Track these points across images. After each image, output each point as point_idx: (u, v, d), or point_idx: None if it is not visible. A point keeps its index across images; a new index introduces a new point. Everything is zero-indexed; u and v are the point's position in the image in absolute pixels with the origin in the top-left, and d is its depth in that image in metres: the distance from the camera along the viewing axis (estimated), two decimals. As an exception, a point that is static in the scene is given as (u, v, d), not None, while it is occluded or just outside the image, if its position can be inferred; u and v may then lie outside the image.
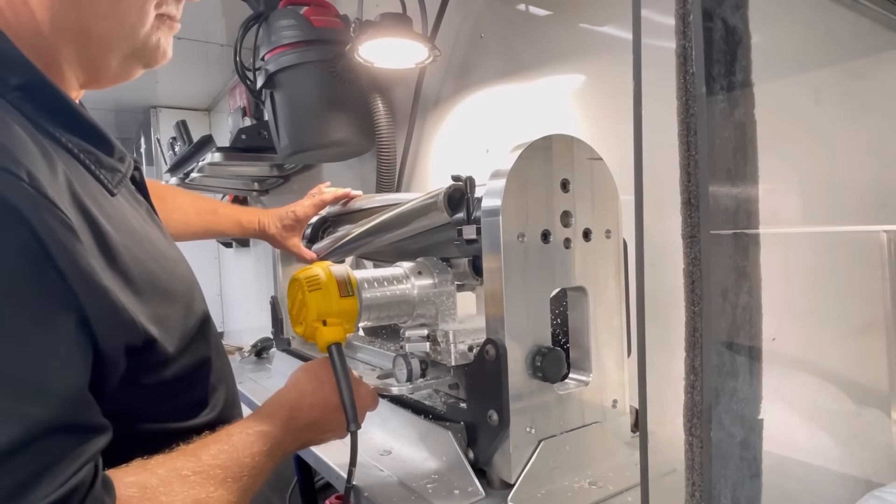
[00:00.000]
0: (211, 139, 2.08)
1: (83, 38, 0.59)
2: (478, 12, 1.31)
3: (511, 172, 0.69)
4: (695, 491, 0.40)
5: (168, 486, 0.53)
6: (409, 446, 0.85)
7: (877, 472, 0.60)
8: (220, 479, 0.57)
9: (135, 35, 0.61)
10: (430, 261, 0.86)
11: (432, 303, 0.83)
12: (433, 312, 0.84)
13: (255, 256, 2.83)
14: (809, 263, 0.62)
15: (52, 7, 0.56)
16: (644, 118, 0.41)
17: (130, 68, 0.65)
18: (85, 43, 0.60)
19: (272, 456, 0.64)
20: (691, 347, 0.40)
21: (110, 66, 0.63)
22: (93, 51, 0.61)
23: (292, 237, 1.27)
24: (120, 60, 0.63)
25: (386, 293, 0.80)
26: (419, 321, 0.85)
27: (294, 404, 0.69)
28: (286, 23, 1.45)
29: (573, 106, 1.08)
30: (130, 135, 3.71)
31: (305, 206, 1.26)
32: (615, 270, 0.79)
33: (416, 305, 0.83)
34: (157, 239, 0.66)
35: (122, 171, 0.65)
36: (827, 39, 0.64)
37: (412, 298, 0.82)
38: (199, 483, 0.56)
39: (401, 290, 0.81)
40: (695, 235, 0.40)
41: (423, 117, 1.50)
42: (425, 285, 0.83)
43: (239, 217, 1.28)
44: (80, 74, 0.62)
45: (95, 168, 0.60)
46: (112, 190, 0.62)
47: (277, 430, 0.65)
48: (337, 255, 1.19)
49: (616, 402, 0.79)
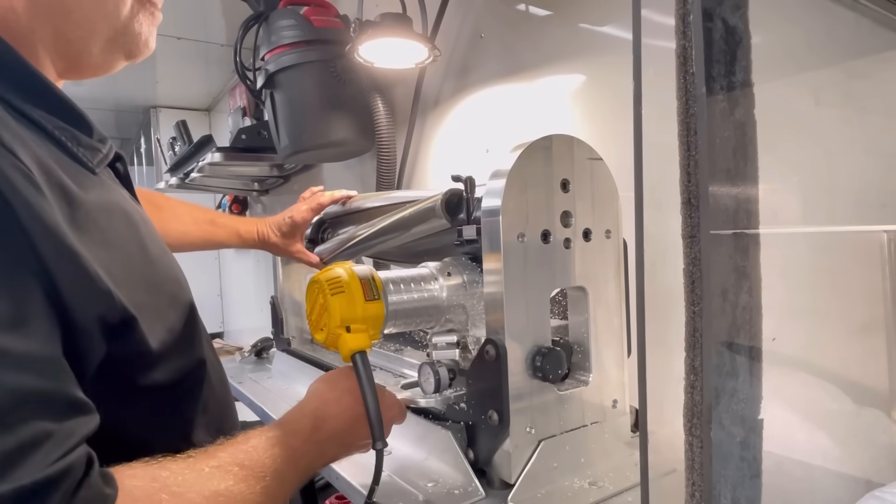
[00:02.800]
0: (211, 139, 2.08)
1: (61, 17, 0.55)
2: (478, 12, 1.31)
3: (511, 172, 0.69)
4: (695, 491, 0.40)
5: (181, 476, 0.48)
6: (409, 446, 0.85)
7: (877, 472, 0.60)
8: (240, 476, 0.52)
9: (116, 16, 0.58)
10: (459, 260, 0.79)
11: (462, 306, 0.76)
12: (463, 317, 0.77)
13: (255, 256, 2.83)
14: (809, 263, 0.62)
15: None
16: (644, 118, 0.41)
17: (112, 57, 0.61)
18: (63, 23, 0.55)
19: (296, 465, 0.58)
20: (691, 347, 0.40)
21: (91, 51, 0.59)
22: (72, 33, 0.56)
23: (294, 244, 1.26)
24: (101, 47, 0.59)
25: (413, 296, 0.73)
26: (447, 326, 0.77)
27: (317, 413, 0.63)
28: (286, 23, 1.45)
29: (573, 106, 1.08)
30: (130, 135, 3.71)
31: (302, 211, 1.23)
32: (615, 270, 0.79)
33: (445, 310, 0.76)
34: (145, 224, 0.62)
35: (103, 152, 0.60)
36: (827, 39, 0.64)
37: (441, 301, 0.75)
38: (217, 476, 0.50)
39: (429, 292, 0.74)
40: (695, 235, 0.40)
41: (423, 117, 1.50)
42: (455, 286, 0.76)
43: (237, 228, 1.25)
44: (58, 61, 0.58)
45: (73, 146, 0.55)
46: (93, 168, 0.57)
47: (300, 438, 0.60)
48: (340, 259, 1.18)
49: (616, 402, 0.79)
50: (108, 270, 0.49)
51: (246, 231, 1.25)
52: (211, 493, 0.49)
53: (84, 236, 0.49)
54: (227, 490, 0.50)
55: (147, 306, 0.54)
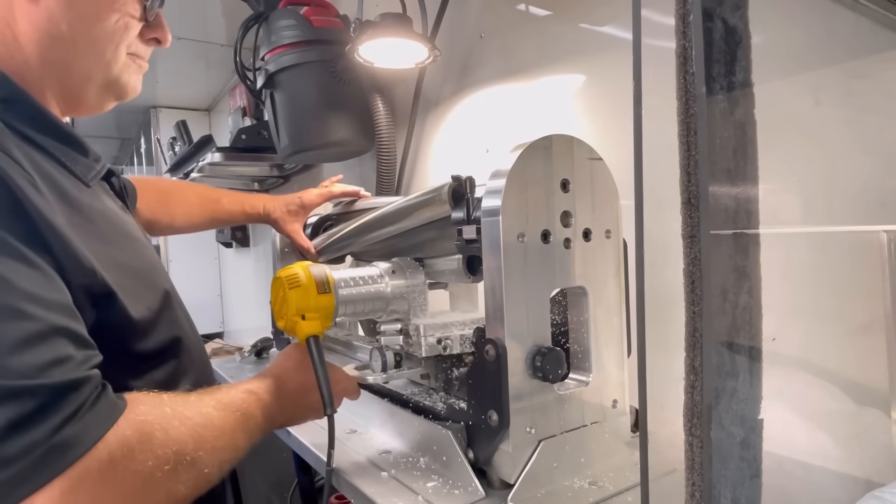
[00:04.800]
0: (211, 139, 2.08)
1: (65, 71, 0.69)
2: (478, 12, 1.31)
3: (511, 172, 0.69)
4: (695, 491, 0.41)
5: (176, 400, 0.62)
6: (409, 446, 0.85)
7: (877, 472, 0.60)
8: (219, 407, 0.65)
9: (108, 70, 0.72)
10: (405, 261, 0.92)
11: (405, 299, 0.89)
12: (406, 308, 0.89)
13: (255, 256, 2.83)
14: (809, 263, 0.62)
15: (40, 44, 0.67)
16: (644, 118, 0.42)
17: (104, 100, 0.75)
18: (66, 75, 0.70)
19: (262, 410, 0.70)
20: (691, 347, 0.40)
21: (88, 96, 0.73)
22: (73, 82, 0.71)
23: (294, 223, 1.28)
24: (96, 93, 0.73)
25: (362, 291, 0.85)
26: (393, 316, 0.90)
27: (279, 377, 0.76)
28: (286, 23, 1.45)
29: (573, 106, 1.08)
30: (130, 135, 3.72)
31: (312, 195, 1.27)
32: (615, 270, 0.79)
33: (389, 302, 0.88)
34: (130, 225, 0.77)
35: (97, 169, 0.73)
36: (827, 39, 0.64)
37: (387, 295, 0.88)
38: (202, 403, 0.64)
39: (376, 287, 0.87)
40: (695, 235, 0.40)
41: (423, 117, 1.50)
42: (398, 283, 0.89)
43: (243, 203, 1.29)
44: (61, 102, 0.72)
45: (71, 164, 0.68)
46: (87, 182, 0.70)
47: (265, 391, 0.72)
48: (334, 249, 1.19)
49: (616, 402, 0.79)
50: (94, 255, 0.61)
51: (251, 206, 1.29)
52: (199, 413, 0.62)
53: (76, 228, 0.61)
54: (209, 413, 0.63)
55: (127, 287, 0.66)
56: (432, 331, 0.83)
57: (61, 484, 0.49)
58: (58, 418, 0.50)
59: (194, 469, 0.60)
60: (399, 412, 0.87)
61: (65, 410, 0.50)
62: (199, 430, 0.61)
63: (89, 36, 0.69)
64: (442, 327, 0.84)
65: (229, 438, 0.64)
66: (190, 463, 0.59)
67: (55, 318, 0.53)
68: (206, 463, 0.61)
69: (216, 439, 0.62)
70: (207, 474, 0.61)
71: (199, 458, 0.60)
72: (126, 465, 0.53)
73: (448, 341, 0.83)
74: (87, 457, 0.51)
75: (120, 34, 0.71)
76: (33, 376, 0.49)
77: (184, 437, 0.59)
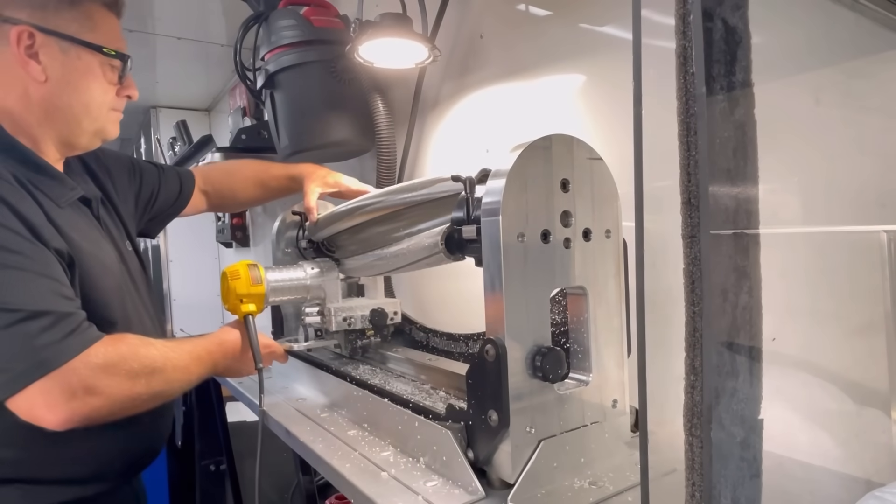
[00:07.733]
0: (211, 139, 2.08)
1: (61, 124, 0.97)
2: (478, 12, 1.31)
3: (511, 172, 0.69)
4: (695, 491, 0.41)
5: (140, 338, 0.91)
6: (409, 446, 0.85)
7: (877, 472, 0.60)
8: (173, 347, 0.94)
9: (96, 123, 1.00)
10: (325, 262, 1.25)
11: (321, 288, 1.22)
12: (322, 295, 1.22)
13: (255, 257, 2.83)
14: (809, 263, 0.62)
15: (46, 110, 0.95)
16: (644, 118, 0.42)
17: (92, 143, 1.03)
18: (62, 127, 0.98)
19: (209, 356, 0.99)
20: (691, 347, 0.40)
21: (80, 142, 1.01)
22: (66, 133, 0.99)
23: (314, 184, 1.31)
24: (86, 139, 1.01)
25: (286, 283, 1.18)
26: (314, 302, 1.23)
27: (221, 338, 1.03)
28: (286, 23, 1.45)
29: (573, 106, 1.08)
30: (130, 135, 3.71)
31: (350, 179, 1.34)
32: (615, 270, 0.79)
33: (310, 290, 1.21)
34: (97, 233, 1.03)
35: (69, 196, 0.98)
36: (827, 39, 0.64)
37: (308, 285, 1.21)
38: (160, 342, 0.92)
39: (299, 280, 1.20)
40: (695, 235, 0.40)
41: (423, 117, 1.50)
42: (316, 275, 1.22)
43: (288, 167, 1.43)
44: (59, 147, 1.00)
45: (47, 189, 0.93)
46: (59, 203, 0.95)
47: (210, 344, 1.00)
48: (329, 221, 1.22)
49: (616, 402, 0.79)
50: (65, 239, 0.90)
51: (294, 167, 1.42)
52: (166, 346, 0.92)
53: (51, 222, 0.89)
54: (173, 348, 0.93)
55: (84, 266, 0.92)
56: (341, 312, 1.18)
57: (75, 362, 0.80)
58: (68, 328, 0.81)
59: (163, 377, 0.90)
60: (399, 412, 0.87)
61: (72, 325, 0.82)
62: (167, 353, 0.91)
63: (81, 103, 0.96)
64: (348, 309, 1.19)
65: (184, 368, 0.94)
66: (160, 370, 0.89)
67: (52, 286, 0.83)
68: (170, 379, 0.91)
69: (176, 365, 0.92)
70: (171, 384, 0.92)
71: (167, 370, 0.90)
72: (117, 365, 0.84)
73: (352, 319, 1.19)
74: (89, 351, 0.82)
75: (103, 98, 0.98)
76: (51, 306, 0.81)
77: (156, 355, 0.89)
